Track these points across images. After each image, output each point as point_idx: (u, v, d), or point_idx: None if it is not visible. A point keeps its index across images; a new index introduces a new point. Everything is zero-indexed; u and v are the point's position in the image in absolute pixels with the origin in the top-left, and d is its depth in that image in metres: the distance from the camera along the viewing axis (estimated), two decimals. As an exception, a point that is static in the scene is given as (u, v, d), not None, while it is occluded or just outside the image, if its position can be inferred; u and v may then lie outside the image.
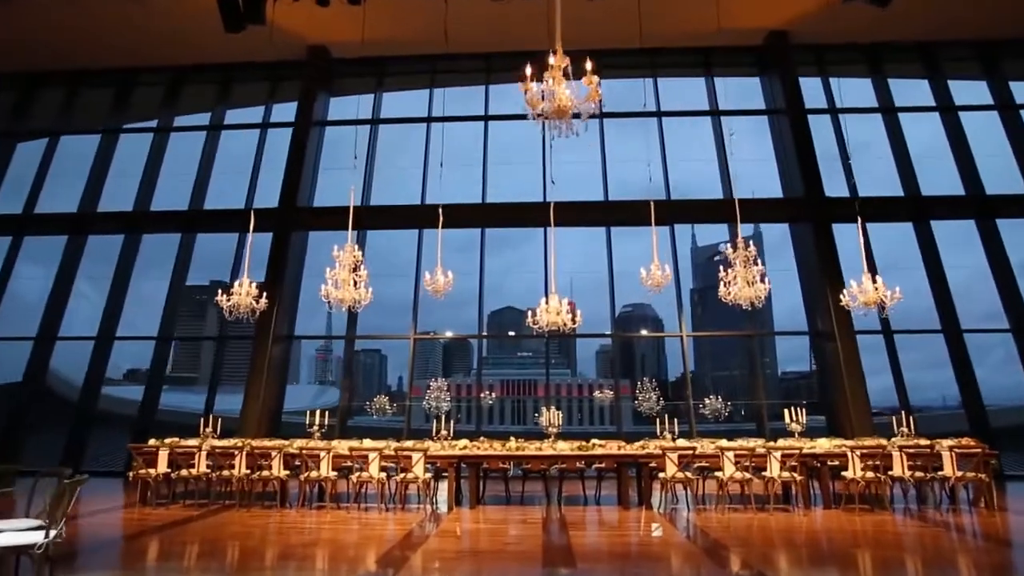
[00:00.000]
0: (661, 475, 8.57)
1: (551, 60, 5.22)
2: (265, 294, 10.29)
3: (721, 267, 9.76)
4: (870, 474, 8.10)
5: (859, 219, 9.89)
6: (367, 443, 9.37)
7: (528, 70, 5.34)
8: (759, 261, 9.60)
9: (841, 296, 9.73)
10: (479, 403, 15.64)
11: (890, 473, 8.17)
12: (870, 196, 14.27)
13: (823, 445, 8.77)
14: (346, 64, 16.72)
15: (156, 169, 16.59)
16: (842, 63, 16.36)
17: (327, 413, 9.75)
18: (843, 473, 8.40)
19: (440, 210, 11.45)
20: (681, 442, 9.13)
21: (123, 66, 17.04)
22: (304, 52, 16.14)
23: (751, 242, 9.61)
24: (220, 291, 9.96)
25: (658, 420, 9.67)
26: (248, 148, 16.57)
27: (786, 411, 9.19)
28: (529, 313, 9.59)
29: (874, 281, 9.24)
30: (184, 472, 8.93)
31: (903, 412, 9.26)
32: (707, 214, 14.83)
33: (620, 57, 16.72)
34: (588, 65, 5.36)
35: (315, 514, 8.51)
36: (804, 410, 9.13)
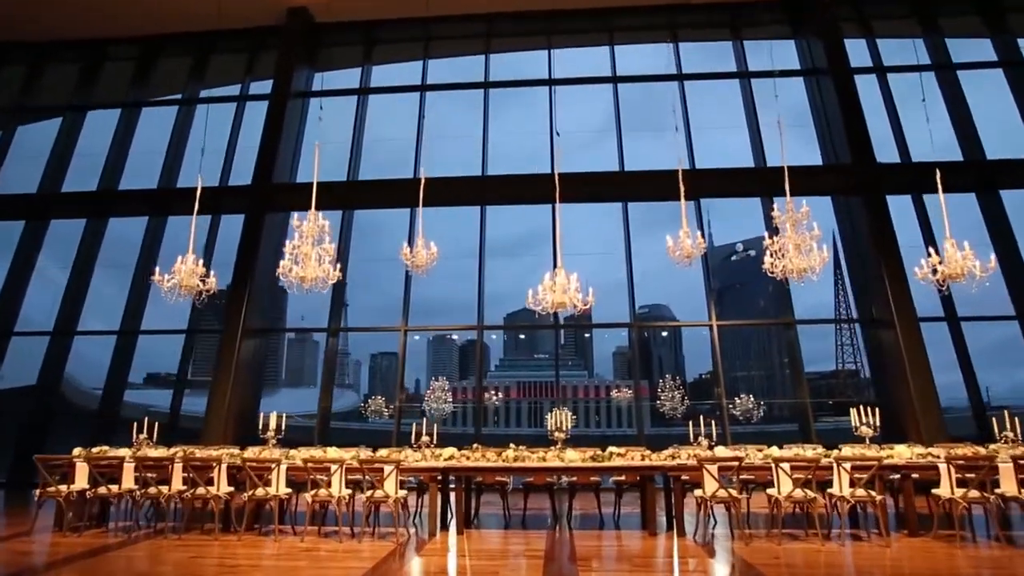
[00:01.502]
0: (697, 492, 6.75)
1: None
2: (214, 275, 8.62)
3: (767, 234, 7.93)
4: (974, 492, 6.20)
5: (938, 175, 8.01)
6: (332, 452, 7.64)
7: None
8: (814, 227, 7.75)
9: (917, 269, 7.82)
10: (481, 405, 13.83)
11: (998, 491, 6.26)
12: (924, 162, 12.36)
13: (902, 453, 6.89)
14: (331, 32, 15.11)
15: (124, 152, 15.06)
16: (888, 18, 14.43)
17: (283, 417, 8.02)
18: (933, 491, 6.54)
19: (423, 180, 9.75)
20: (720, 450, 7.29)
21: (89, 38, 15.55)
22: (283, 16, 14.53)
23: (804, 202, 7.77)
24: (156, 269, 8.31)
25: (690, 423, 7.83)
26: (224, 128, 14.98)
27: (852, 411, 7.32)
28: (529, 293, 7.79)
29: (961, 248, 7.36)
30: (103, 490, 7.24)
31: (1005, 412, 7.34)
32: (740, 185, 12.89)
33: (636, 17, 14.98)
34: None
35: (262, 543, 6.78)
36: (878, 410, 7.25)
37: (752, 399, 15.01)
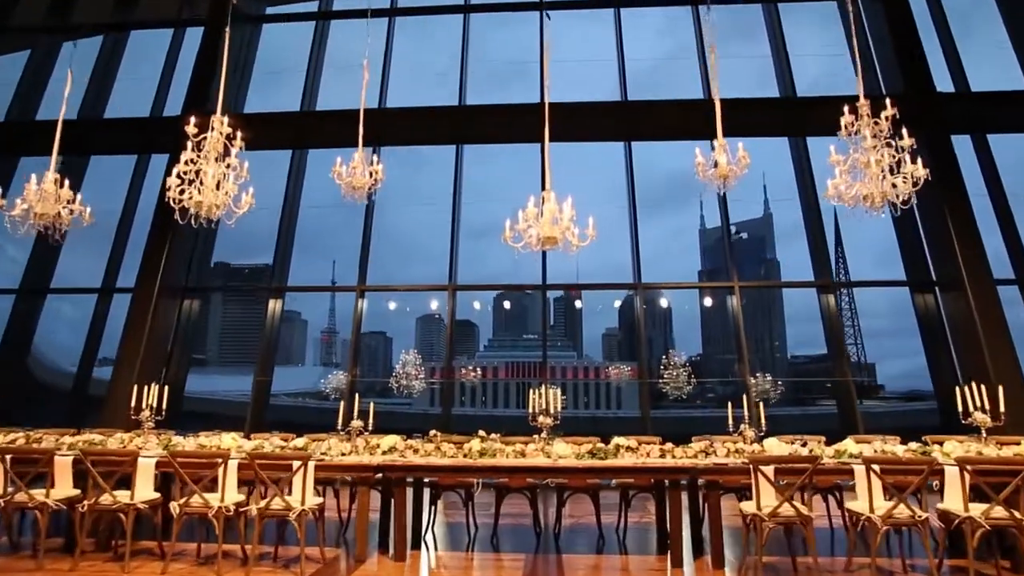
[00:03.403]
0: (745, 507, 4.63)
1: None
2: (81, 198, 6.38)
3: (833, 148, 5.72)
4: None
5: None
6: (227, 440, 5.45)
7: None
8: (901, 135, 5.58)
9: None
10: (454, 381, 11.73)
11: None
12: (993, 92, 10.28)
13: (1033, 451, 4.82)
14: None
15: (40, 84, 12.72)
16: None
17: (168, 389, 5.85)
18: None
19: (365, 114, 7.45)
20: (772, 444, 5.14)
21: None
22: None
23: (887, 103, 5.58)
24: (-3, 189, 6.08)
25: (730, 405, 5.67)
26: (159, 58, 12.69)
27: (961, 392, 5.20)
28: (507, 224, 5.56)
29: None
30: None
31: None
32: (765, 118, 10.53)
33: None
34: None
35: (105, 573, 4.62)
36: (1001, 390, 5.15)
37: (770, 378, 13.01)
